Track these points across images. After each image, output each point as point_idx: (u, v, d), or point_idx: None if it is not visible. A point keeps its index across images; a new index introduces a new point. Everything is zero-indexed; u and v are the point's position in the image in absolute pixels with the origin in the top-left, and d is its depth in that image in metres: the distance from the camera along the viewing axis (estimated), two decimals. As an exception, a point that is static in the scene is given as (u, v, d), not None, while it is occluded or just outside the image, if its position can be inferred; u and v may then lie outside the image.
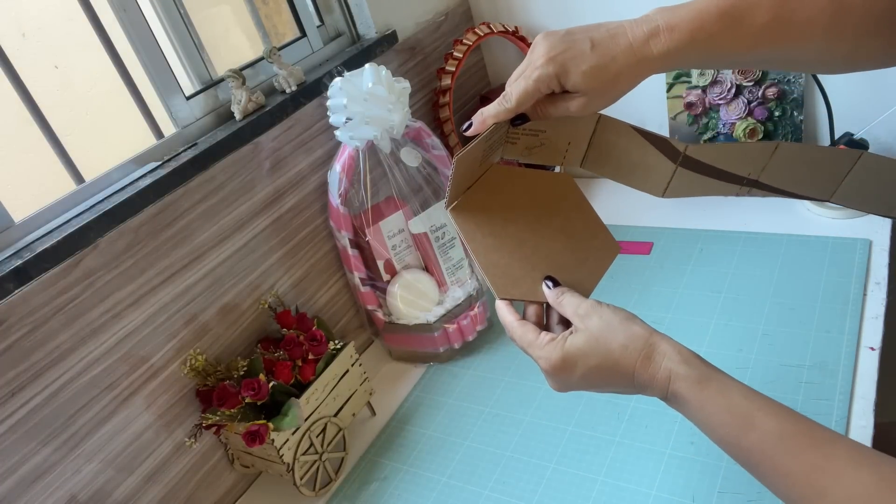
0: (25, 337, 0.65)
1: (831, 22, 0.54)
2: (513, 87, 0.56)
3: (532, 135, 0.63)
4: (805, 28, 0.54)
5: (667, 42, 0.54)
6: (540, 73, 0.54)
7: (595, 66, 0.54)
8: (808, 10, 0.53)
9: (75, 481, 0.70)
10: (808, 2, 0.53)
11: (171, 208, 0.77)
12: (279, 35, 1.04)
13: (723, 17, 0.53)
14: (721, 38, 0.54)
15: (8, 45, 0.70)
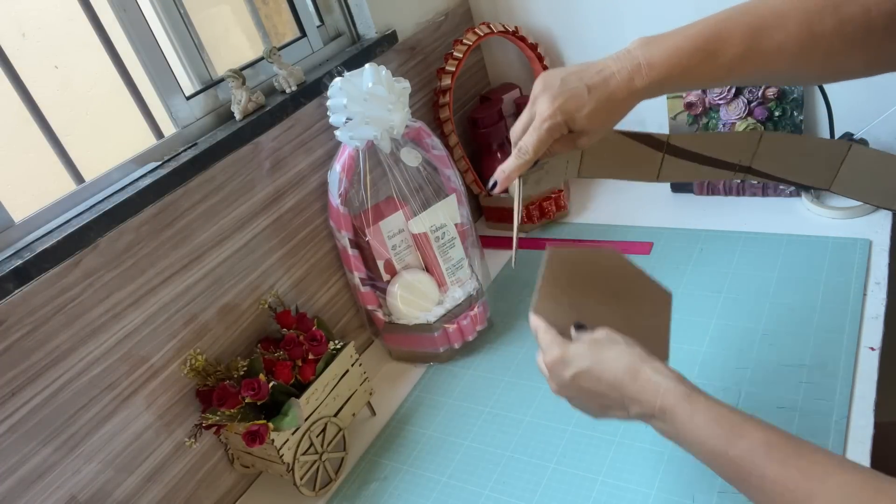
0: (25, 337, 0.65)
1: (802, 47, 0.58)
2: (526, 140, 0.63)
3: (538, 170, 0.71)
4: (776, 55, 0.59)
5: (648, 77, 0.60)
6: (550, 124, 0.61)
7: (595, 108, 0.61)
8: (778, 38, 0.58)
9: (75, 481, 0.70)
10: (778, 31, 0.58)
11: (171, 208, 0.77)
12: (279, 35, 1.04)
13: (697, 52, 0.59)
14: (697, 70, 0.59)
15: (8, 45, 0.70)
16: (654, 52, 0.60)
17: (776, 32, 0.58)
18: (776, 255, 0.95)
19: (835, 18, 0.57)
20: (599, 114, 0.61)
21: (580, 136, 0.63)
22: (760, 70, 0.60)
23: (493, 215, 1.24)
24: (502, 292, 1.08)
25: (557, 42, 1.21)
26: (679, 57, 0.59)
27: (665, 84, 0.61)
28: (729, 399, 0.76)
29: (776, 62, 0.59)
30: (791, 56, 0.58)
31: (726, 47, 0.59)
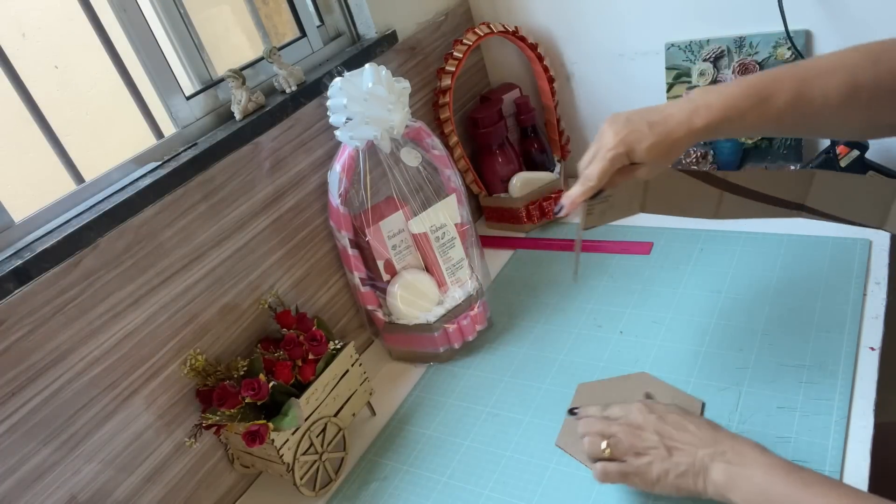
0: (25, 337, 0.65)
1: (845, 97, 0.64)
2: (591, 169, 0.69)
3: (603, 202, 0.76)
4: (822, 104, 0.64)
5: (705, 117, 0.65)
6: (613, 154, 0.67)
7: (655, 142, 0.66)
8: (823, 87, 0.64)
9: (75, 481, 0.70)
10: (823, 80, 0.64)
11: (171, 208, 0.77)
12: (279, 35, 1.04)
13: (750, 97, 0.65)
14: (750, 114, 0.65)
15: (8, 45, 0.70)
16: (712, 95, 0.66)
17: (823, 82, 0.64)
18: (776, 255, 0.95)
19: (874, 70, 0.63)
20: (658, 148, 0.66)
21: (640, 167, 0.68)
22: (808, 118, 0.66)
23: (493, 215, 1.24)
24: (502, 292, 1.08)
25: (557, 42, 1.21)
26: (734, 100, 0.65)
27: (721, 125, 0.66)
28: (729, 399, 0.77)
29: (823, 111, 0.65)
30: (836, 106, 0.64)
31: (777, 94, 0.65)
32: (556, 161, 1.25)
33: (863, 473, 0.65)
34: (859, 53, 0.65)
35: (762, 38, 1.03)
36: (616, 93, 1.21)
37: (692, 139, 0.67)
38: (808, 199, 0.76)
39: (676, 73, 1.11)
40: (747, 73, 1.05)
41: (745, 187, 0.76)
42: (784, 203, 0.77)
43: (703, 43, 1.07)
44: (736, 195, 0.77)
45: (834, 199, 0.76)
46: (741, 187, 0.76)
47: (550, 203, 1.19)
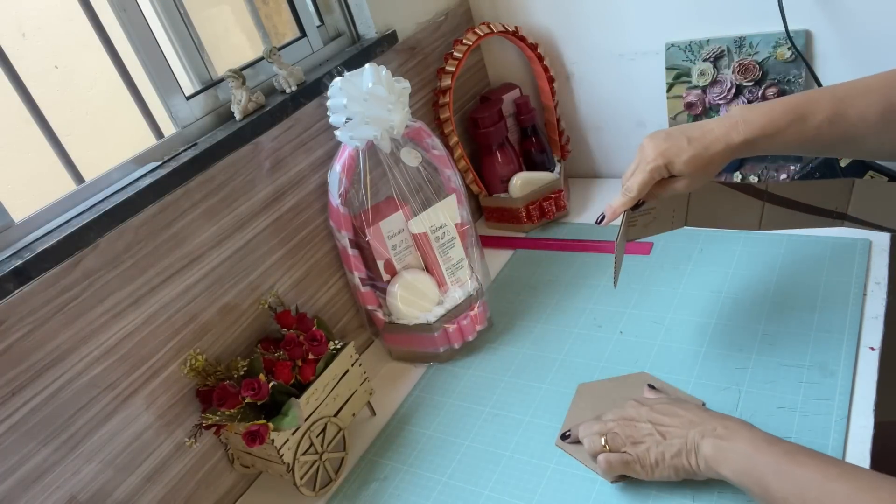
0: (25, 337, 0.65)
1: (882, 116, 0.65)
2: (631, 181, 0.72)
3: (646, 214, 0.79)
4: (859, 122, 0.66)
5: (744, 132, 0.67)
6: (653, 166, 0.70)
7: (693, 155, 0.68)
8: (860, 106, 0.66)
9: (75, 481, 0.70)
10: (861, 100, 0.66)
11: (171, 208, 0.77)
12: (279, 35, 1.04)
13: (789, 114, 0.67)
14: (787, 131, 0.67)
15: (8, 45, 0.70)
16: (751, 112, 0.69)
17: (859, 101, 0.66)
18: (776, 255, 0.95)
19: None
20: (697, 161, 0.68)
21: (679, 180, 0.71)
22: (845, 137, 0.67)
23: (493, 215, 1.24)
24: (502, 292, 1.08)
25: (557, 42, 1.21)
26: (772, 117, 0.67)
27: (759, 141, 0.68)
28: (729, 399, 0.77)
29: (859, 130, 0.66)
30: (872, 125, 0.66)
31: (815, 111, 0.66)
32: (556, 161, 1.25)
33: (863, 473, 0.65)
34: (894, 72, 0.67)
35: (762, 38, 1.03)
36: (616, 93, 1.21)
37: (730, 154, 0.69)
38: (850, 208, 0.78)
39: (676, 73, 1.11)
40: (747, 73, 1.05)
41: (788, 198, 0.78)
42: (827, 213, 0.79)
43: (703, 43, 1.08)
44: (778, 206, 0.79)
45: (876, 207, 0.78)
46: (783, 198, 0.78)
47: (550, 203, 1.19)
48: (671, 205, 0.80)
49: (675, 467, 0.65)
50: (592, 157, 1.31)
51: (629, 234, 0.81)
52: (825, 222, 0.80)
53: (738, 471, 0.60)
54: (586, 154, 1.31)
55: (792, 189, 0.78)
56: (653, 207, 0.78)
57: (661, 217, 0.81)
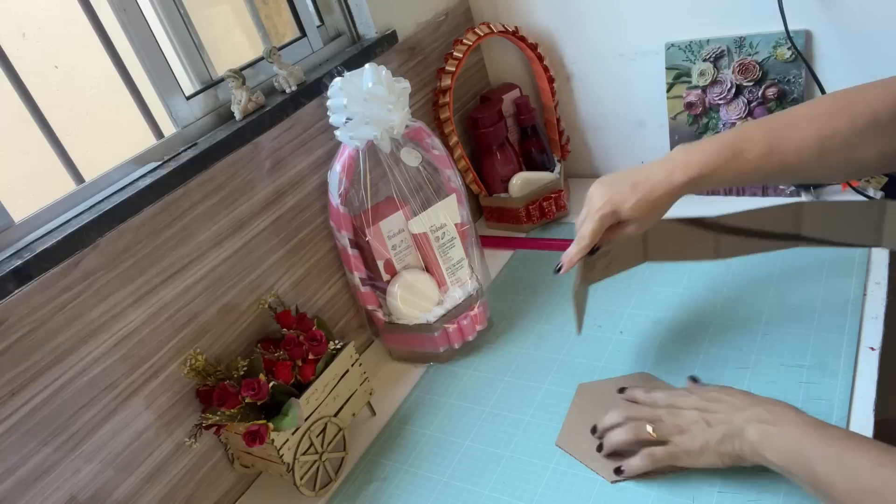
0: (25, 337, 0.65)
1: (819, 143, 0.67)
2: (583, 229, 0.74)
3: (604, 256, 0.82)
4: (796, 152, 0.68)
5: (684, 174, 0.70)
6: (601, 214, 0.73)
7: (638, 200, 0.71)
8: (796, 136, 0.68)
9: (75, 481, 0.70)
10: (796, 130, 0.68)
11: (171, 208, 0.77)
12: (279, 35, 1.04)
13: (724, 152, 0.70)
14: (726, 168, 0.69)
15: (8, 45, 0.70)
16: (689, 154, 0.71)
17: (794, 131, 0.68)
18: (776, 255, 0.95)
19: (845, 116, 0.67)
20: (642, 205, 0.71)
21: (629, 224, 0.73)
22: (784, 167, 0.69)
23: (493, 215, 1.24)
24: (502, 292, 1.08)
25: (557, 42, 1.21)
26: (709, 156, 0.70)
27: (700, 180, 0.70)
28: (729, 399, 0.77)
29: (797, 158, 0.68)
30: (810, 151, 0.68)
31: (750, 147, 0.69)
32: (556, 161, 1.25)
33: (863, 473, 0.65)
34: (828, 102, 0.69)
35: (762, 38, 1.03)
36: (616, 93, 1.21)
37: (674, 196, 0.72)
38: (803, 229, 0.80)
39: (676, 73, 1.11)
40: (747, 73, 1.05)
41: (740, 227, 0.81)
42: (781, 236, 0.81)
43: (703, 43, 1.08)
44: (731, 236, 0.81)
45: (827, 225, 0.79)
46: (735, 228, 0.81)
47: (550, 203, 1.19)
48: (629, 244, 0.83)
49: (720, 454, 0.65)
50: (592, 156, 1.31)
51: (591, 277, 0.83)
52: (781, 245, 0.82)
53: (785, 456, 0.60)
54: (586, 154, 1.31)
55: (742, 219, 0.80)
56: (609, 250, 0.81)
57: (621, 256, 0.84)
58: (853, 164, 0.69)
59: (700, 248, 0.83)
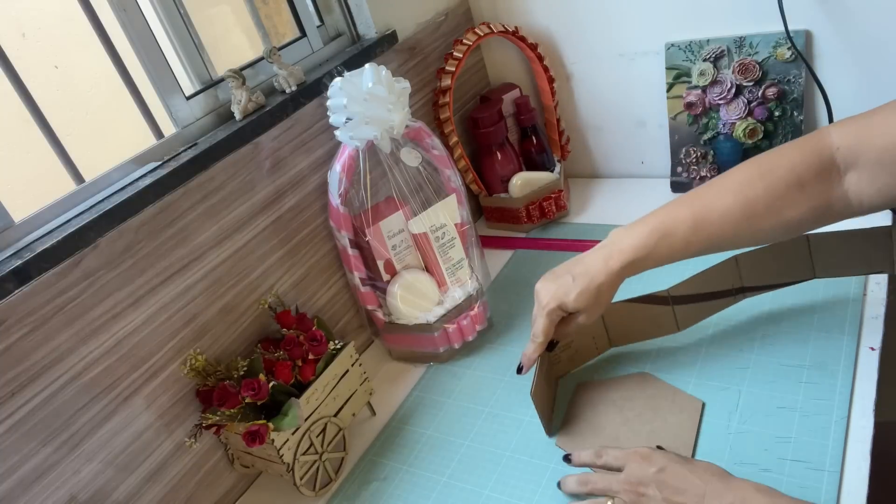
0: (25, 337, 0.65)
1: (743, 210, 0.69)
2: (535, 327, 0.77)
3: (566, 348, 0.84)
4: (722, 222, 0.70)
5: (619, 260, 0.73)
6: (548, 310, 0.75)
7: (581, 291, 0.74)
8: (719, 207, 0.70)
9: (75, 481, 0.70)
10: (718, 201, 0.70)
11: (171, 208, 0.77)
12: (279, 35, 1.04)
13: (653, 234, 0.72)
14: (658, 249, 0.72)
15: (8, 45, 0.70)
16: (623, 238, 0.74)
17: (717, 203, 0.70)
18: (776, 255, 0.95)
19: (764, 182, 0.69)
20: (586, 295, 0.73)
21: (579, 315, 0.75)
22: (714, 238, 0.71)
23: (493, 215, 1.24)
24: (502, 292, 1.08)
25: (557, 42, 1.21)
26: (641, 239, 0.73)
27: (636, 264, 0.73)
28: (729, 399, 0.77)
29: (725, 228, 0.70)
30: (736, 220, 0.70)
31: (676, 224, 0.72)
32: (556, 161, 1.25)
33: (863, 473, 0.65)
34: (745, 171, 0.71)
35: (762, 38, 1.03)
36: (616, 93, 1.21)
37: (616, 280, 0.74)
38: (745, 280, 0.82)
39: (676, 73, 1.11)
40: (747, 72, 1.05)
41: (690, 294, 0.82)
42: (727, 293, 0.83)
43: (703, 43, 1.08)
44: (686, 304, 0.82)
45: (765, 270, 0.82)
46: (687, 296, 0.82)
47: (550, 203, 1.19)
48: (588, 334, 0.84)
49: None
50: (592, 157, 1.31)
51: (556, 371, 0.85)
52: (729, 301, 0.83)
53: None
54: (586, 154, 1.31)
55: (690, 285, 0.81)
56: (571, 342, 0.84)
57: (583, 347, 0.86)
58: (784, 225, 0.69)
59: (662, 324, 0.84)
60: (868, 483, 0.64)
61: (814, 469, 0.66)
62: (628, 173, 1.29)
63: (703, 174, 1.14)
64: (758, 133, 1.08)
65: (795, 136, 1.06)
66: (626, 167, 1.28)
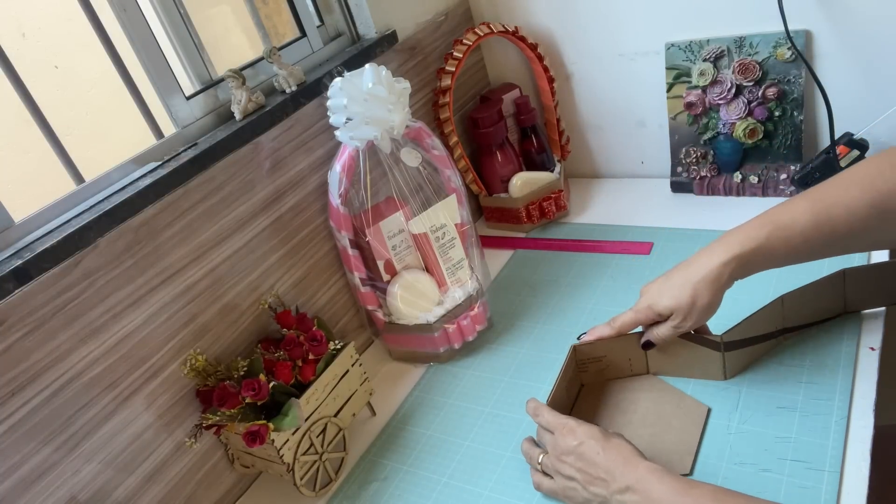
0: (25, 337, 0.65)
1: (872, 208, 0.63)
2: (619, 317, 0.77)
3: (596, 361, 0.82)
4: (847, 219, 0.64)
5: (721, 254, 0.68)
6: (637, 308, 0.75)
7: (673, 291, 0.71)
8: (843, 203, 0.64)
9: (75, 481, 0.70)
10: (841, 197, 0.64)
11: (171, 208, 0.77)
12: (279, 35, 1.04)
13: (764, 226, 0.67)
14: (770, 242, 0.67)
15: (8, 45, 0.70)
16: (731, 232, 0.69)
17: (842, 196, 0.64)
18: (776, 255, 0.95)
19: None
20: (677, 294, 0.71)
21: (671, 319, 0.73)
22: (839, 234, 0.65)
23: (493, 215, 1.24)
24: (502, 292, 1.08)
25: (557, 42, 1.21)
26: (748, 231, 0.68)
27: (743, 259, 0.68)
28: (729, 399, 0.77)
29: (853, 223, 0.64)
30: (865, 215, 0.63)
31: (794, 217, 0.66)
32: (556, 161, 1.25)
33: (863, 473, 0.65)
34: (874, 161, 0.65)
35: (762, 38, 1.03)
36: (616, 93, 1.21)
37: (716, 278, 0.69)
38: (788, 321, 0.79)
39: (676, 73, 1.11)
40: (747, 72, 1.05)
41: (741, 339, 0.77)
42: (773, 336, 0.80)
43: (703, 43, 1.08)
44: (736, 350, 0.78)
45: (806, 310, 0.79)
46: (737, 341, 0.77)
47: (550, 203, 1.19)
48: (624, 353, 0.81)
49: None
50: (592, 157, 1.31)
51: (578, 380, 0.83)
52: (772, 344, 0.80)
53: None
54: (586, 154, 1.31)
55: (741, 330, 0.77)
56: (603, 355, 0.81)
57: (615, 364, 0.83)
58: None
59: (708, 369, 0.79)
60: (868, 483, 0.64)
61: (814, 469, 0.66)
62: (628, 173, 1.29)
63: (703, 174, 1.14)
64: (758, 133, 1.08)
65: (796, 136, 1.06)
66: (626, 167, 1.28)
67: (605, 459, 0.64)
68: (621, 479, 0.62)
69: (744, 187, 1.11)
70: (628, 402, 0.80)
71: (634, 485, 0.61)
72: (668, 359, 0.80)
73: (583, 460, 0.65)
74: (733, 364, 0.78)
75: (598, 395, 0.82)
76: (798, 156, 1.07)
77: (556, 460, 0.68)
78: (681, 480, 0.60)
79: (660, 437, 0.75)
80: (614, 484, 0.62)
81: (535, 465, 0.72)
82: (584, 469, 0.65)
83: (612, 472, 0.63)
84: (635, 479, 0.61)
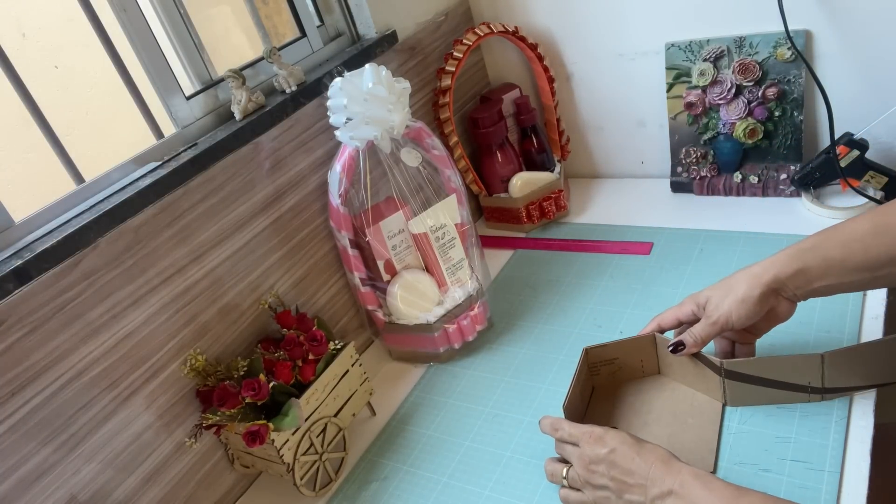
0: (25, 337, 0.65)
1: None
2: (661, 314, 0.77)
3: (608, 363, 0.82)
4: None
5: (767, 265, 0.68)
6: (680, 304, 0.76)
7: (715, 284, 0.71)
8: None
9: (75, 481, 0.70)
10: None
11: (171, 208, 0.77)
12: (279, 35, 1.04)
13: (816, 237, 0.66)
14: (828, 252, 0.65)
15: (8, 45, 0.70)
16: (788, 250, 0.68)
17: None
18: (776, 255, 0.95)
19: None
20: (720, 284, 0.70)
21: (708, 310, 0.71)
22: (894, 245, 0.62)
23: (493, 215, 1.24)
24: (502, 292, 1.08)
25: (557, 42, 1.21)
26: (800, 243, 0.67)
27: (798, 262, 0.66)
28: (729, 399, 0.77)
29: None
30: None
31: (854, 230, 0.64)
32: (556, 161, 1.25)
33: (863, 473, 0.65)
34: None
35: (762, 38, 1.03)
36: (616, 93, 1.21)
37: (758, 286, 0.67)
38: (827, 381, 0.71)
39: (676, 73, 1.11)
40: (747, 72, 1.05)
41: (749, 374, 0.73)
42: (799, 388, 0.72)
43: (703, 43, 1.08)
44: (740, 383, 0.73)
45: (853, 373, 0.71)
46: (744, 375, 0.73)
47: (550, 203, 1.19)
48: (636, 355, 0.81)
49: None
50: (592, 157, 1.31)
51: (590, 383, 0.83)
52: (800, 398, 0.73)
53: None
54: (586, 154, 1.31)
55: (751, 366, 0.72)
56: (616, 358, 0.81)
57: (628, 366, 0.82)
58: None
59: (710, 387, 0.77)
60: (868, 483, 0.64)
61: (814, 469, 0.66)
62: (628, 173, 1.29)
63: (703, 174, 1.14)
64: (758, 133, 1.08)
65: (796, 136, 1.06)
66: (626, 167, 1.28)
67: (641, 465, 0.62)
68: (662, 483, 0.60)
69: (744, 187, 1.11)
70: (641, 402, 0.79)
71: (678, 489, 0.59)
72: (675, 366, 0.79)
73: (616, 468, 0.63)
74: (736, 395, 0.74)
75: (610, 398, 0.82)
76: (798, 156, 1.07)
77: (585, 471, 0.66)
78: (729, 487, 0.58)
79: (678, 436, 0.74)
80: (654, 489, 0.60)
81: (560, 481, 0.70)
82: (617, 477, 0.63)
83: (650, 478, 0.61)
84: (678, 483, 0.59)
